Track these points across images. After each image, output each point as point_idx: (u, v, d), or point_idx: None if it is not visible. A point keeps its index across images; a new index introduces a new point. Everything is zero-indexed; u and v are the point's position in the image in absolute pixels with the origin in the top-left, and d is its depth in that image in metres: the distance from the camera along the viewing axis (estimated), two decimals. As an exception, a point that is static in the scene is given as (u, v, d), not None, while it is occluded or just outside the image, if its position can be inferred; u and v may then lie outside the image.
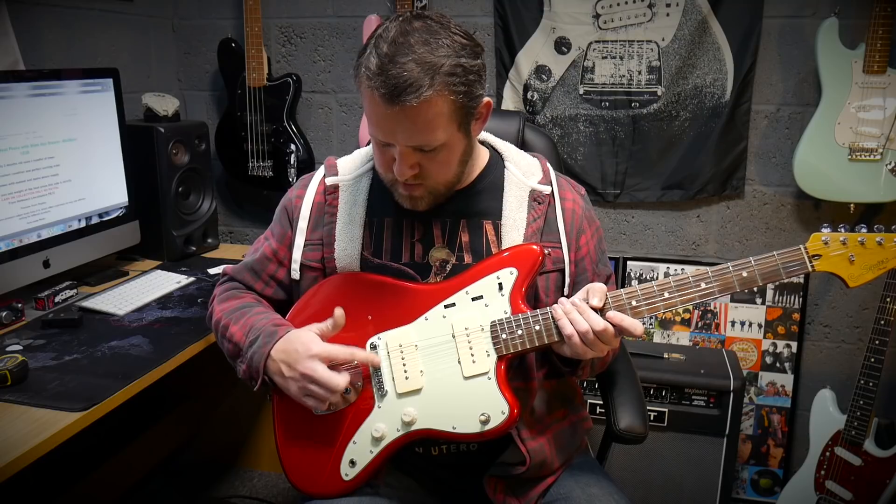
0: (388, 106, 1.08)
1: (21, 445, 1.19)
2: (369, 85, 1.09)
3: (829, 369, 2.35)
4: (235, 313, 1.30)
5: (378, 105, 1.09)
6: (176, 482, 2.50)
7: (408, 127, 1.10)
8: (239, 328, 1.27)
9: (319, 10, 2.53)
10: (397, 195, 1.25)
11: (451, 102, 1.10)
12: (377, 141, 1.17)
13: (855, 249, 1.13)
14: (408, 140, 1.12)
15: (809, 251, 1.13)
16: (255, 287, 1.38)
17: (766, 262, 1.13)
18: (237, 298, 1.36)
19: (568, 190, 1.34)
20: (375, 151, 1.21)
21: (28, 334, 1.64)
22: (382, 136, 1.14)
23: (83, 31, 2.28)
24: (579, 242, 1.30)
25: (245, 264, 1.40)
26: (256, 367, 1.20)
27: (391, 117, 1.09)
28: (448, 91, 1.09)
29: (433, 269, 1.26)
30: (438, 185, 1.22)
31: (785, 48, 2.22)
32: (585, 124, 2.37)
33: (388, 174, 1.21)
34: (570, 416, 1.36)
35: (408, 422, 1.18)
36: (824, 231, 1.14)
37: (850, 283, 1.14)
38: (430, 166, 1.17)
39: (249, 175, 2.53)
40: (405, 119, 1.09)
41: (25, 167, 1.78)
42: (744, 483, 2.42)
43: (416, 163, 1.15)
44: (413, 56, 1.07)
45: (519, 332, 1.16)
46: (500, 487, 1.27)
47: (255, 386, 1.22)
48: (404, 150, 1.13)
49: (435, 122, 1.10)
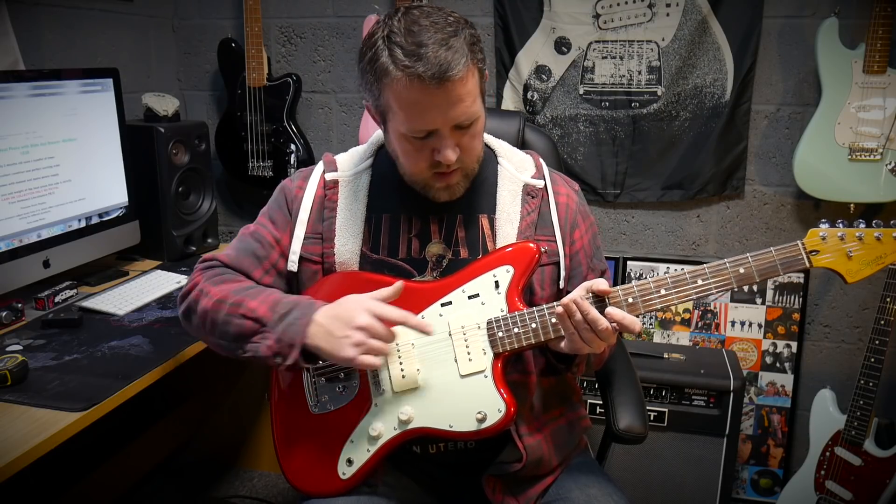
0: (435, 87, 1.09)
1: (21, 445, 1.19)
2: (409, 73, 1.09)
3: (829, 369, 2.35)
4: (250, 290, 1.22)
5: (421, 92, 1.10)
6: (176, 482, 2.51)
7: (454, 103, 1.12)
8: (259, 303, 1.18)
9: (319, 10, 2.54)
10: (432, 192, 1.23)
11: (478, 72, 1.15)
12: (414, 137, 1.16)
13: (853, 245, 1.12)
14: (457, 117, 1.13)
15: (807, 247, 1.12)
16: (254, 275, 1.29)
17: (763, 259, 1.12)
18: (237, 282, 1.27)
19: (561, 185, 1.34)
20: (408, 153, 1.19)
21: (28, 334, 1.64)
22: (428, 124, 1.14)
23: (83, 31, 2.28)
24: (573, 236, 1.31)
25: (244, 249, 1.32)
26: (292, 338, 1.13)
27: (438, 99, 1.10)
28: (474, 61, 1.14)
29: (429, 265, 1.27)
30: (472, 164, 1.23)
31: (785, 48, 2.22)
32: (585, 124, 2.37)
33: (426, 171, 1.20)
34: (567, 413, 1.36)
35: (404, 420, 1.18)
36: (822, 227, 1.13)
37: (849, 279, 1.13)
38: (469, 143, 1.19)
39: (249, 175, 2.53)
40: (452, 95, 1.11)
41: (25, 167, 1.78)
42: (744, 483, 2.42)
43: (457, 144, 1.17)
44: (437, 37, 1.10)
45: (515, 329, 1.16)
46: (498, 487, 1.27)
47: (285, 361, 1.14)
48: (448, 133, 1.15)
49: (472, 94, 1.14)
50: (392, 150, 1.25)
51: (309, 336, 1.13)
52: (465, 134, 1.17)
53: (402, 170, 1.25)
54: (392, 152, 1.26)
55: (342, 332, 1.11)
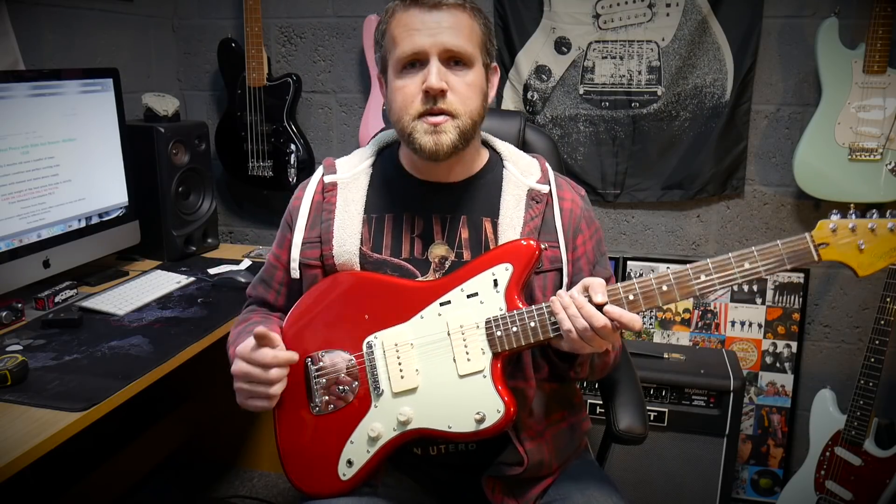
0: (426, 11, 1.17)
1: (21, 445, 1.19)
2: (405, 3, 1.18)
3: (829, 369, 2.35)
4: (238, 337, 1.32)
5: (414, 15, 1.17)
6: (176, 482, 2.51)
7: (445, 28, 1.17)
8: (233, 351, 1.29)
9: (319, 10, 2.54)
10: (419, 139, 1.19)
11: (479, 27, 1.22)
12: (404, 68, 1.19)
13: (865, 236, 1.07)
14: (445, 42, 1.17)
15: (815, 239, 1.07)
16: (269, 298, 1.38)
17: (769, 252, 1.08)
18: (244, 321, 1.37)
19: (567, 190, 1.33)
20: (398, 91, 1.20)
21: (28, 334, 1.64)
22: (416, 45, 1.17)
23: (83, 31, 2.28)
24: (576, 242, 1.30)
25: (257, 278, 1.42)
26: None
27: (429, 22, 1.17)
28: (475, 15, 1.22)
29: (432, 266, 1.26)
30: (463, 117, 1.20)
31: (785, 48, 2.22)
32: (585, 124, 2.37)
33: (413, 110, 1.19)
34: (568, 417, 1.35)
35: (404, 421, 1.17)
36: (833, 218, 1.08)
37: (860, 273, 1.08)
38: (459, 86, 1.19)
39: (249, 175, 2.53)
40: (443, 21, 1.17)
41: (25, 167, 1.78)
42: (744, 483, 2.42)
43: (446, 82, 1.18)
44: None
45: (514, 328, 1.14)
46: (498, 488, 1.26)
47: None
48: (436, 62, 1.17)
49: (467, 32, 1.19)
50: (388, 108, 1.26)
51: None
52: (455, 76, 1.19)
53: (395, 125, 1.24)
54: (389, 112, 1.26)
55: (234, 383, 1.22)
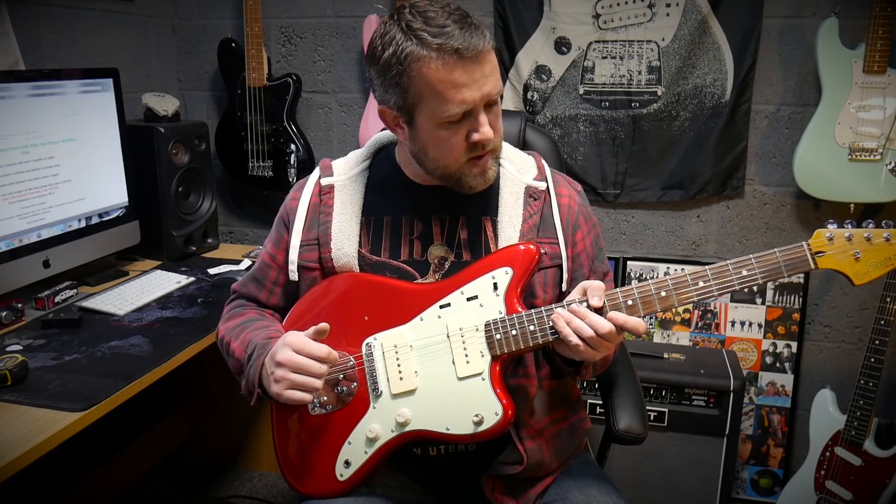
0: (471, 61, 1.10)
1: (21, 445, 1.19)
2: (445, 50, 1.09)
3: (829, 369, 2.35)
4: (236, 330, 1.31)
5: (458, 67, 1.10)
6: (176, 482, 2.51)
7: (488, 76, 1.13)
8: (238, 344, 1.27)
9: (319, 10, 2.54)
10: (468, 180, 1.21)
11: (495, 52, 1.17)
12: (449, 122, 1.14)
13: (860, 246, 1.09)
14: (491, 92, 1.14)
15: (812, 248, 1.10)
16: (261, 297, 1.38)
17: (766, 260, 1.10)
18: (239, 316, 1.35)
19: (564, 186, 1.34)
20: (442, 142, 1.17)
21: (28, 334, 1.64)
22: (466, 100, 1.12)
23: (83, 31, 2.28)
24: (575, 238, 1.30)
25: (248, 275, 1.41)
26: (252, 381, 1.21)
27: (475, 73, 1.11)
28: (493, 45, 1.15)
29: (432, 267, 1.26)
30: (499, 148, 1.25)
31: (785, 48, 2.21)
32: (585, 124, 2.37)
33: (461, 158, 1.18)
34: (568, 417, 1.35)
35: (402, 423, 1.17)
36: (829, 227, 1.10)
37: (856, 281, 1.10)
38: (496, 123, 1.19)
39: (249, 175, 2.53)
40: (486, 68, 1.13)
41: (25, 167, 1.79)
42: (744, 483, 2.42)
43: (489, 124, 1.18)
44: (454, 17, 1.12)
45: (513, 332, 1.15)
46: (498, 487, 1.27)
47: (252, 401, 1.23)
48: (482, 111, 1.15)
49: (499, 71, 1.17)
50: (419, 149, 1.20)
51: (262, 376, 1.19)
52: (491, 112, 1.18)
53: (432, 165, 1.21)
54: (419, 151, 1.21)
55: (271, 370, 1.16)
